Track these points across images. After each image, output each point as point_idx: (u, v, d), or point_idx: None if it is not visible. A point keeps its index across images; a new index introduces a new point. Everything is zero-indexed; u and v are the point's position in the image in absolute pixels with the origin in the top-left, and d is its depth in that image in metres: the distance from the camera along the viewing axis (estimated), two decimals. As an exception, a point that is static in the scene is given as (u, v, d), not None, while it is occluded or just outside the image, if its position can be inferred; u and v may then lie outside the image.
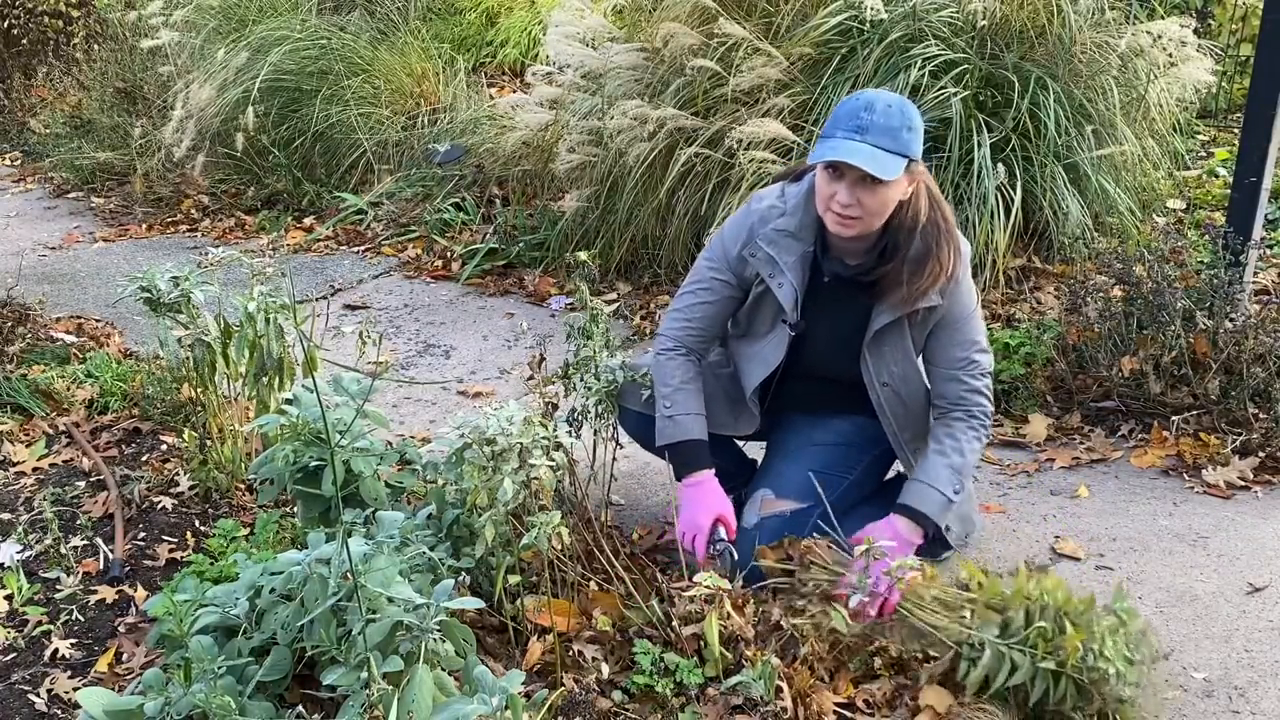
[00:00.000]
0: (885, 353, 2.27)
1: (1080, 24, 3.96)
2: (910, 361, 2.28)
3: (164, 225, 5.63)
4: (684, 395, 2.34)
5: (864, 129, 2.03)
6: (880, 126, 2.03)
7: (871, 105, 2.04)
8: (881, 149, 2.02)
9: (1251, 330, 2.96)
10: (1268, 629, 2.26)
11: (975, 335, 2.27)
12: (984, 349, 2.29)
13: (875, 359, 2.28)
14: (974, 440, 2.28)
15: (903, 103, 2.07)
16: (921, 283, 2.14)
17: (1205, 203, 4.51)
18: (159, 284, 2.66)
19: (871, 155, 2.02)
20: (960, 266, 2.19)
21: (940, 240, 2.14)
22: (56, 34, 7.52)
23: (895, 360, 2.27)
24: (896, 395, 2.31)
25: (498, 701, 1.64)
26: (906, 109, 2.06)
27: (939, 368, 2.30)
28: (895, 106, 2.05)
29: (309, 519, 2.20)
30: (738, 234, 2.31)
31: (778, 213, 2.26)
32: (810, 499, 2.34)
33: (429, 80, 5.76)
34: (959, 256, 2.19)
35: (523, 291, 4.46)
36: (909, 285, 2.15)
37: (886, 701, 2.00)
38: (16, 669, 2.20)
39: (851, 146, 2.03)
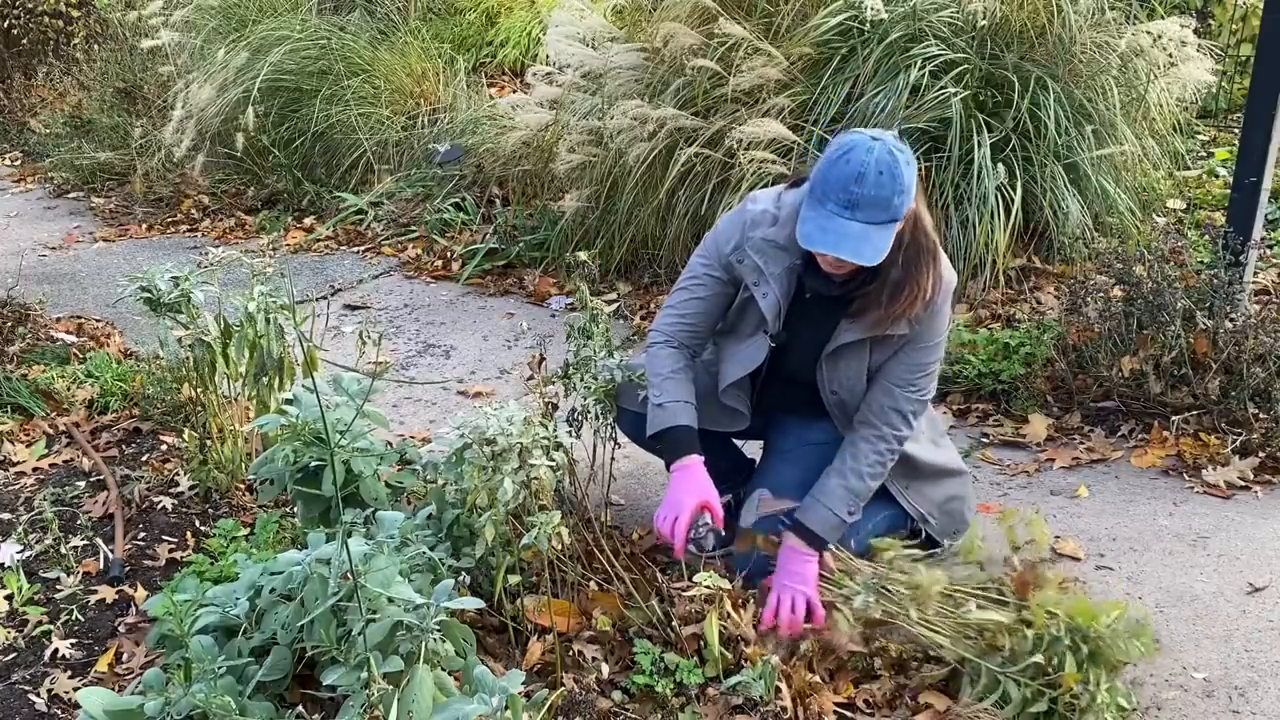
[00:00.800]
0: (840, 366, 2.27)
1: (1080, 24, 3.96)
2: (861, 380, 2.28)
3: (164, 225, 5.63)
4: (672, 384, 2.33)
5: (855, 204, 1.98)
6: (871, 200, 1.97)
7: (862, 177, 1.97)
8: (874, 223, 1.99)
9: (1251, 330, 2.96)
10: (1268, 629, 2.26)
11: (930, 365, 2.25)
12: (931, 376, 2.26)
13: (830, 370, 2.28)
14: (877, 466, 2.25)
15: (893, 165, 1.98)
16: (898, 306, 2.12)
17: (1205, 203, 4.51)
18: (159, 284, 2.66)
19: (863, 235, 1.99)
20: (940, 295, 2.16)
21: (921, 265, 2.11)
22: (56, 34, 7.52)
23: (849, 375, 2.27)
24: (843, 402, 2.32)
25: (498, 701, 1.64)
26: (897, 172, 1.98)
27: (881, 379, 2.27)
28: (887, 174, 1.97)
29: (309, 519, 2.20)
30: (730, 234, 2.30)
31: (769, 219, 2.24)
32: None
33: (429, 80, 5.76)
34: (940, 284, 2.15)
35: (523, 291, 4.46)
36: (886, 308, 2.13)
37: (886, 701, 2.01)
38: (16, 669, 2.20)
39: (841, 229, 1.99)
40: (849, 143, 2.02)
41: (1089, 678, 1.88)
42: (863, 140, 2.00)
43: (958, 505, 2.47)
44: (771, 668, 1.96)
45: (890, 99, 3.79)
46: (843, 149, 2.02)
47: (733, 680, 1.99)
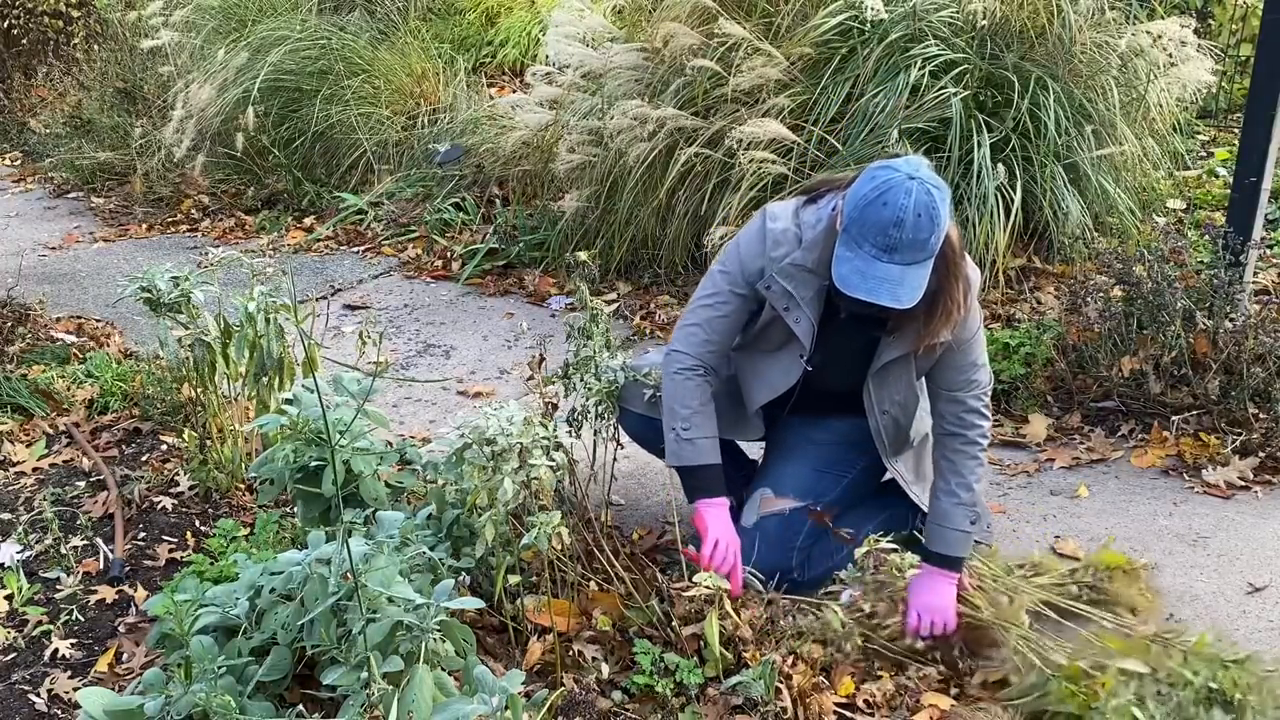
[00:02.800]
0: (889, 383, 2.26)
1: (1080, 24, 3.96)
2: (912, 390, 2.28)
3: (164, 225, 5.63)
4: (702, 419, 2.29)
5: (894, 248, 1.95)
6: (910, 242, 1.94)
7: (901, 223, 1.93)
8: (911, 264, 1.97)
9: (1251, 330, 2.96)
10: (1268, 629, 2.26)
11: (976, 357, 2.25)
12: (983, 366, 2.27)
13: (878, 389, 2.26)
14: (977, 468, 2.25)
15: (931, 206, 1.94)
16: (935, 322, 2.11)
17: (1205, 203, 4.51)
18: (159, 284, 2.66)
19: (900, 278, 1.96)
20: (970, 296, 2.16)
21: (953, 279, 2.09)
22: (56, 34, 7.52)
23: (899, 390, 2.27)
24: (895, 422, 2.32)
25: (498, 701, 1.64)
26: (936, 213, 1.95)
27: (940, 389, 2.27)
28: (925, 216, 1.94)
29: (309, 519, 2.20)
30: (753, 254, 2.24)
31: (792, 239, 2.18)
32: (809, 498, 2.34)
33: (429, 80, 5.76)
34: (969, 290, 2.15)
35: (523, 291, 4.46)
36: (925, 325, 2.12)
37: (886, 701, 2.01)
38: (16, 669, 2.20)
39: (881, 274, 1.96)
40: (886, 182, 1.96)
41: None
42: (899, 181, 1.95)
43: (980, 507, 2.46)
44: (772, 668, 1.96)
45: (890, 99, 3.79)
46: (880, 189, 1.96)
47: (733, 680, 2.00)
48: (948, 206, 2.00)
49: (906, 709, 1.99)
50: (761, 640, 2.09)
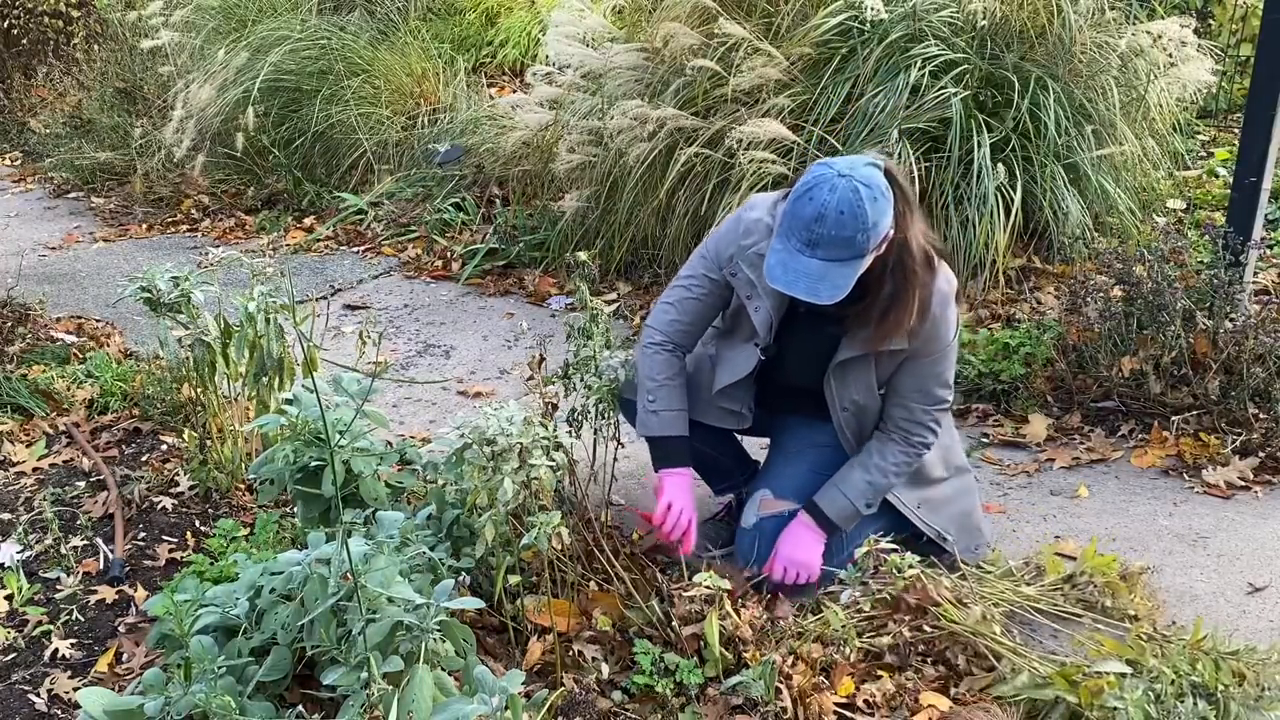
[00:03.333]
0: (849, 381, 2.27)
1: (1080, 24, 3.96)
2: (872, 394, 2.28)
3: (164, 225, 5.63)
4: (667, 392, 2.36)
5: (815, 243, 1.98)
6: (832, 239, 1.97)
7: (822, 218, 1.96)
8: (835, 260, 1.99)
9: (1251, 330, 2.96)
10: (1268, 629, 2.26)
11: (940, 372, 2.25)
12: (946, 384, 2.27)
13: (839, 385, 2.28)
14: (903, 465, 2.29)
15: (855, 204, 1.96)
16: (887, 327, 2.13)
17: (1205, 203, 4.51)
18: (159, 284, 2.66)
19: (821, 274, 1.99)
20: (937, 306, 2.15)
21: (907, 288, 2.10)
22: (56, 34, 7.52)
23: (858, 390, 2.27)
24: (856, 420, 2.33)
25: (498, 701, 1.64)
26: (860, 211, 1.96)
27: (894, 393, 2.29)
28: (849, 214, 1.95)
29: (309, 519, 2.20)
30: (728, 240, 2.30)
31: (763, 230, 2.22)
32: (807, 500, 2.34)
33: (429, 80, 5.76)
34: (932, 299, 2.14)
35: (523, 291, 4.46)
36: (876, 327, 2.14)
37: (886, 701, 2.01)
38: (16, 669, 2.20)
39: (801, 267, 2.00)
40: (817, 178, 2.00)
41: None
42: (828, 177, 1.98)
43: (977, 519, 2.47)
44: (772, 668, 1.96)
45: (890, 99, 3.79)
46: (809, 184, 2.00)
47: (733, 680, 2.00)
48: (881, 207, 1.99)
49: (906, 709, 1.99)
50: (761, 640, 2.09)
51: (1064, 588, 2.30)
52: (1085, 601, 2.26)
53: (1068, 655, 2.10)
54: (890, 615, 2.16)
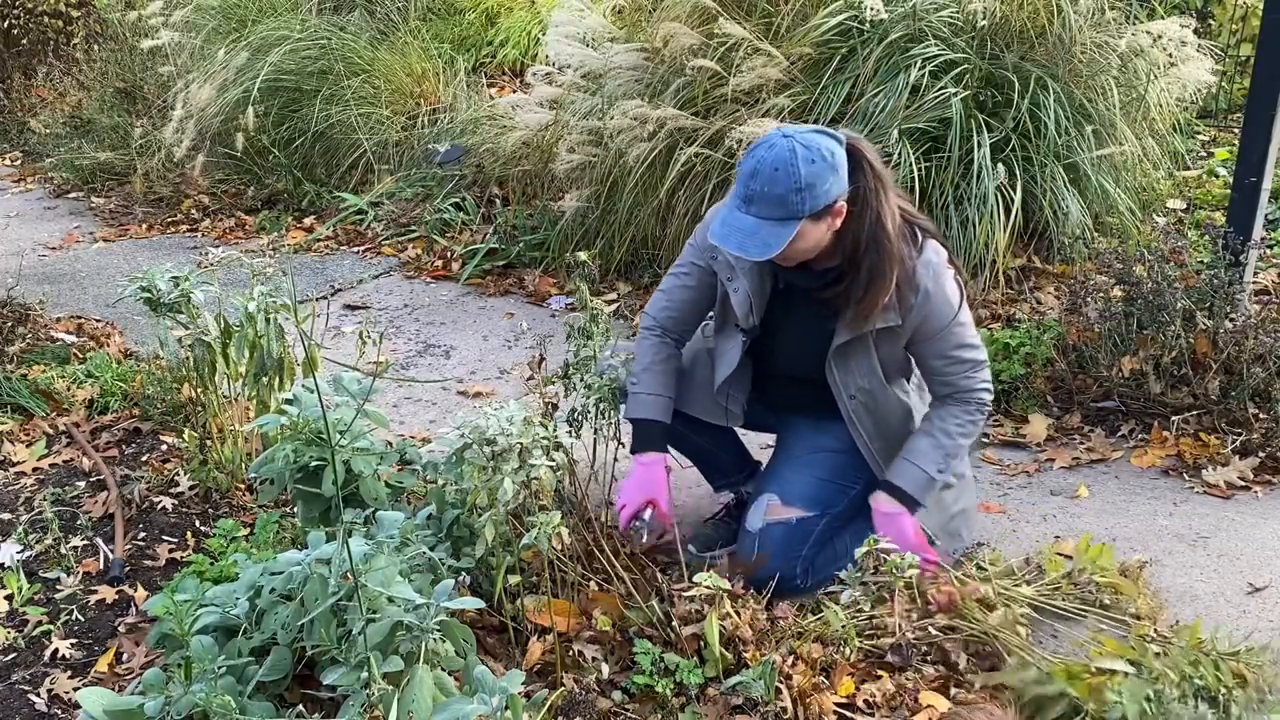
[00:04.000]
0: (851, 367, 2.26)
1: (1080, 24, 3.96)
2: (876, 378, 2.27)
3: (164, 225, 5.63)
4: (650, 376, 2.38)
5: (750, 199, 2.01)
6: (766, 196, 1.99)
7: (757, 173, 1.99)
8: (768, 218, 2.00)
9: (1251, 330, 2.96)
10: (1268, 629, 2.26)
11: (956, 345, 2.23)
12: (970, 351, 2.25)
13: (841, 372, 2.27)
14: (966, 424, 2.27)
15: (790, 162, 1.97)
16: (869, 305, 2.12)
17: (1205, 203, 4.51)
18: (159, 284, 2.66)
19: (753, 230, 2.01)
20: (924, 276, 2.14)
21: (882, 264, 2.09)
22: (56, 34, 7.52)
23: (862, 375, 2.26)
24: (865, 409, 2.31)
25: (498, 701, 1.64)
26: (794, 169, 1.97)
27: (928, 373, 2.30)
28: (782, 170, 1.97)
29: (309, 519, 2.20)
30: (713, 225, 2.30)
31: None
32: (817, 508, 2.34)
33: (429, 80, 5.76)
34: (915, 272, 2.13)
35: (523, 291, 4.46)
36: (856, 306, 2.14)
37: (886, 701, 2.01)
38: (16, 669, 2.20)
39: (736, 223, 2.03)
40: (764, 139, 2.04)
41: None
42: (771, 137, 2.02)
43: (960, 521, 2.46)
44: (772, 668, 1.96)
45: (890, 99, 3.79)
46: (756, 144, 2.04)
47: (733, 680, 2.00)
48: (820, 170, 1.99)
49: (906, 709, 1.99)
50: (761, 640, 2.09)
51: (1063, 585, 2.30)
52: (1086, 600, 2.26)
53: (1069, 655, 2.10)
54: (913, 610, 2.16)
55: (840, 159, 2.03)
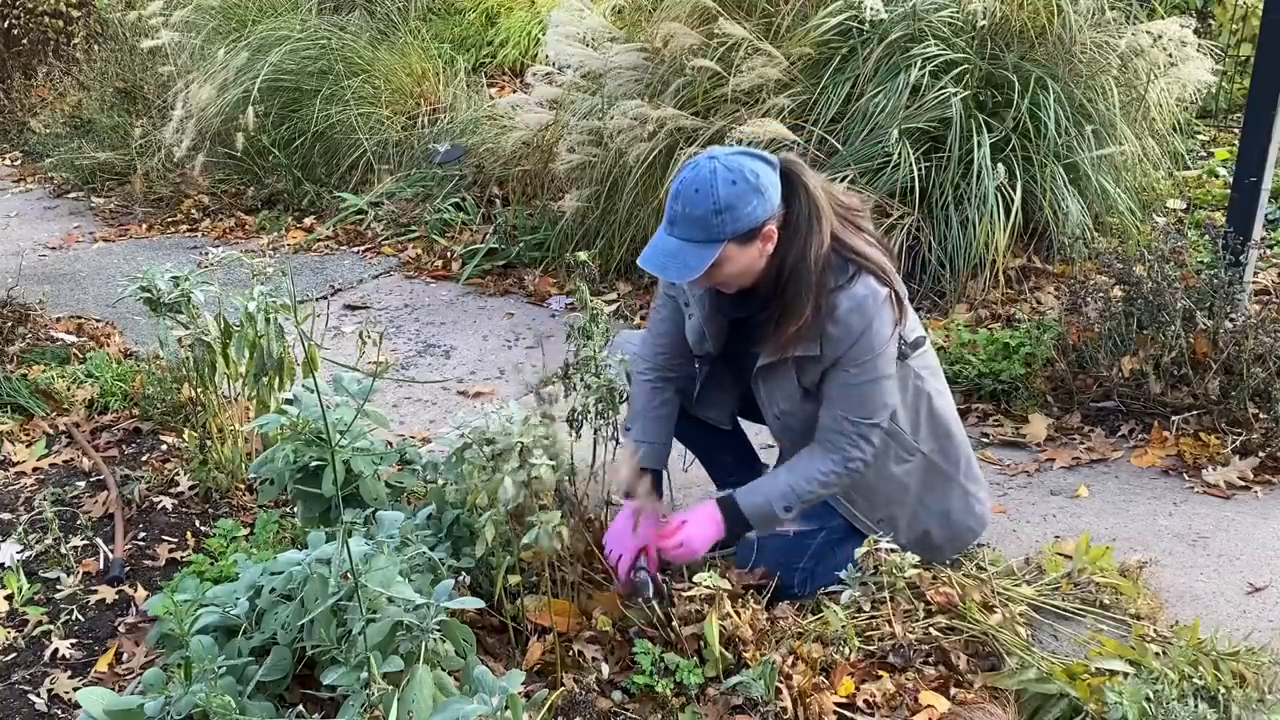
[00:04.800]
0: (774, 388, 2.25)
1: (1080, 24, 3.96)
2: (794, 402, 2.23)
3: (164, 225, 5.63)
4: (642, 423, 2.38)
5: (673, 220, 2.02)
6: (686, 218, 1.99)
7: (678, 194, 2.00)
8: (690, 240, 2.01)
9: (1251, 330, 2.96)
10: (1268, 629, 2.26)
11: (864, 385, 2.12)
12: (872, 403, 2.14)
13: (766, 392, 2.27)
14: (830, 476, 2.19)
15: (710, 184, 1.97)
16: (784, 332, 2.09)
17: (1205, 203, 4.51)
18: (159, 284, 2.66)
19: (675, 252, 2.02)
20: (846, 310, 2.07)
21: (801, 294, 2.06)
22: (56, 34, 7.52)
23: (783, 398, 2.24)
24: (787, 427, 2.29)
25: (498, 701, 1.64)
26: (712, 191, 1.96)
27: (824, 399, 2.21)
28: (703, 192, 1.97)
29: (309, 519, 2.20)
30: None
31: None
32: (815, 521, 2.33)
33: (429, 80, 5.76)
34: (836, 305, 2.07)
35: (523, 291, 4.46)
36: (775, 332, 2.12)
37: (886, 701, 2.01)
38: (16, 669, 2.20)
39: (660, 244, 2.05)
40: (690, 161, 2.05)
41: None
42: (698, 160, 2.03)
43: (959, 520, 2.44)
44: (772, 668, 1.96)
45: (890, 99, 3.79)
46: (683, 166, 2.05)
47: (733, 680, 2.00)
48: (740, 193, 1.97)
49: (906, 709, 1.99)
50: (761, 640, 2.09)
51: (1063, 585, 2.30)
52: (1086, 600, 2.26)
53: (1069, 655, 2.10)
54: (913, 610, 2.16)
55: (766, 181, 2.01)
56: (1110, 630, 2.18)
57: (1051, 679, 1.97)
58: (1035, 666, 2.01)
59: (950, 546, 2.40)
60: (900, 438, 2.27)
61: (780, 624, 2.16)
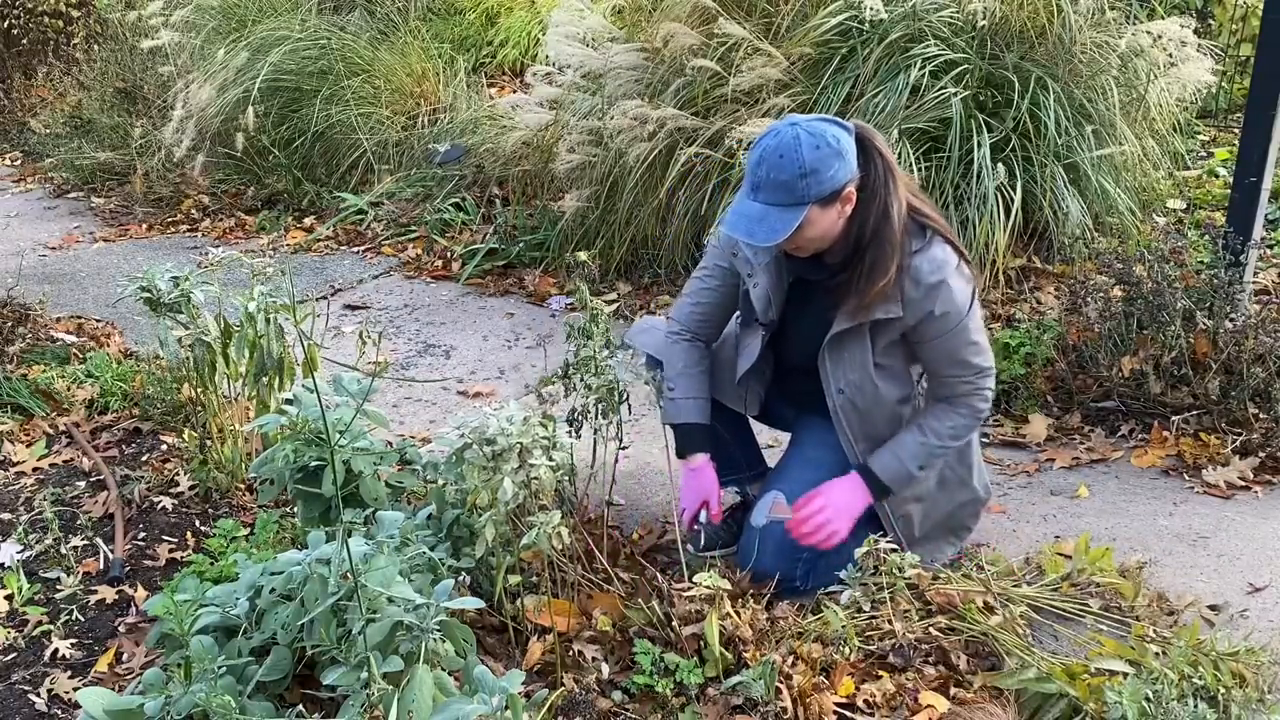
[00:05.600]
0: (844, 359, 2.26)
1: (1080, 24, 3.96)
2: (867, 373, 2.25)
3: (164, 225, 5.63)
4: (685, 380, 2.42)
5: (757, 186, 2.04)
6: (772, 183, 2.02)
7: (762, 160, 2.03)
8: (775, 204, 2.03)
9: (1251, 330, 2.96)
10: (1268, 629, 2.26)
11: (960, 349, 2.20)
12: (975, 357, 2.22)
13: (834, 364, 2.27)
14: (960, 428, 2.26)
15: (795, 148, 2.00)
16: (869, 294, 2.12)
17: (1205, 203, 4.51)
18: (159, 284, 2.66)
19: (761, 216, 2.03)
20: (927, 271, 2.12)
21: (885, 253, 2.10)
22: (56, 34, 7.52)
23: (853, 368, 2.25)
24: (852, 404, 2.29)
25: (498, 701, 1.64)
26: (798, 155, 2.00)
27: (930, 374, 2.30)
28: (788, 156, 2.00)
29: (309, 519, 2.20)
30: None
31: None
32: None
33: (429, 80, 5.76)
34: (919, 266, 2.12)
35: (523, 291, 4.46)
36: (859, 295, 2.14)
37: (886, 701, 2.01)
38: (16, 669, 2.20)
39: (745, 210, 2.06)
40: (771, 127, 2.07)
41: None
42: (779, 126, 2.05)
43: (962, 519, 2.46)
44: (772, 668, 1.96)
45: (890, 99, 3.79)
46: (763, 133, 2.07)
47: (733, 680, 2.00)
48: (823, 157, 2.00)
49: (906, 709, 1.99)
50: (761, 640, 2.09)
51: (1063, 585, 2.30)
52: (1086, 600, 2.26)
53: (1069, 655, 2.10)
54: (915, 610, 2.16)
55: (846, 146, 2.05)
56: (1110, 630, 2.18)
57: (1051, 679, 1.97)
58: (1035, 666, 2.01)
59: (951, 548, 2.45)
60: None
61: (780, 624, 2.16)
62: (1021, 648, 2.08)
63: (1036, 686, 1.98)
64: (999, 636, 2.10)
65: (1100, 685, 1.92)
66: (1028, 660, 2.04)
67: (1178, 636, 2.11)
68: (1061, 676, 1.97)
